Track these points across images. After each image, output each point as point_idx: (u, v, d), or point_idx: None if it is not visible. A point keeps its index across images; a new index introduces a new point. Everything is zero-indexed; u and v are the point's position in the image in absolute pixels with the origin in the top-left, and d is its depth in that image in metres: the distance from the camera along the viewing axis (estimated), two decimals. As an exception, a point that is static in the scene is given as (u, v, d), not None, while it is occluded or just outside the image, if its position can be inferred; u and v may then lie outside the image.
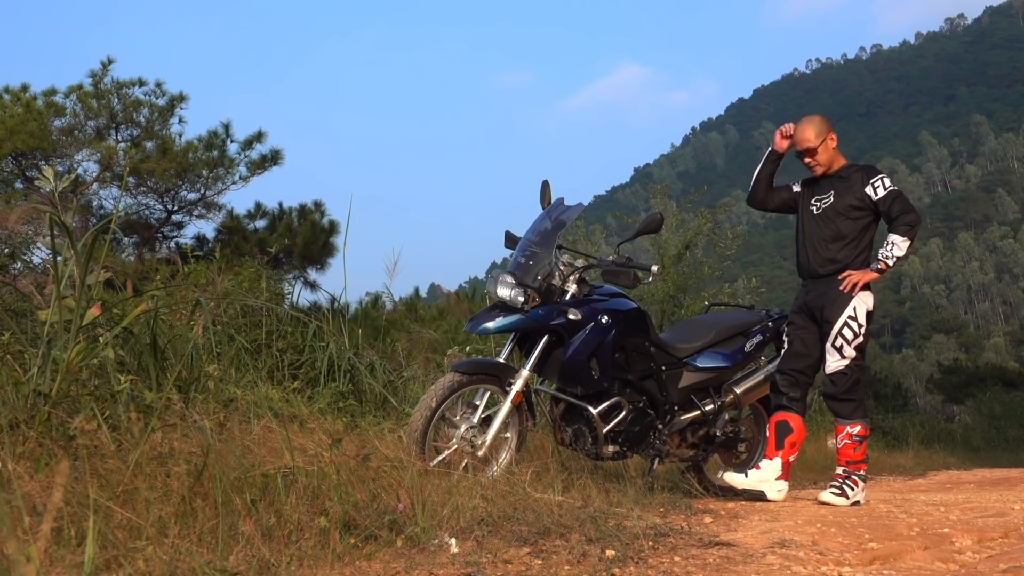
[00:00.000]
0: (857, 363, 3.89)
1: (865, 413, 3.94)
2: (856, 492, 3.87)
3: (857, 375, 3.90)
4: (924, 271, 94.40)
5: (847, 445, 3.90)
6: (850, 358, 3.87)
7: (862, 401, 3.94)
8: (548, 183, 4.12)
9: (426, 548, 2.33)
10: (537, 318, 3.75)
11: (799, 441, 4.00)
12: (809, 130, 4.08)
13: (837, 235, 3.99)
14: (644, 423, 3.98)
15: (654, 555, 2.41)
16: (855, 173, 4.03)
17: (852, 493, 3.85)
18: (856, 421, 3.89)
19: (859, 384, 3.92)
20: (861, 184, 3.97)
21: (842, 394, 3.88)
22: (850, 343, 3.86)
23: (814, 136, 4.05)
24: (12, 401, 2.46)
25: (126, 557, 1.88)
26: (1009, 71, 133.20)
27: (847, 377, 3.87)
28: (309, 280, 11.34)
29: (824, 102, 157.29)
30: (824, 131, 4.06)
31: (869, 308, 3.91)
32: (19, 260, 6.62)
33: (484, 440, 3.59)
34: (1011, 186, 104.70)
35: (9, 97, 10.51)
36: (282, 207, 11.87)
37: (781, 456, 3.94)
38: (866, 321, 3.90)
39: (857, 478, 3.90)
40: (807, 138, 4.07)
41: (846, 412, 3.89)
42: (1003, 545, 2.74)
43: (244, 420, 3.13)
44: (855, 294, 3.87)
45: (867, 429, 3.93)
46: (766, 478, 3.91)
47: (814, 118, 4.14)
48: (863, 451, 3.92)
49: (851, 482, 3.87)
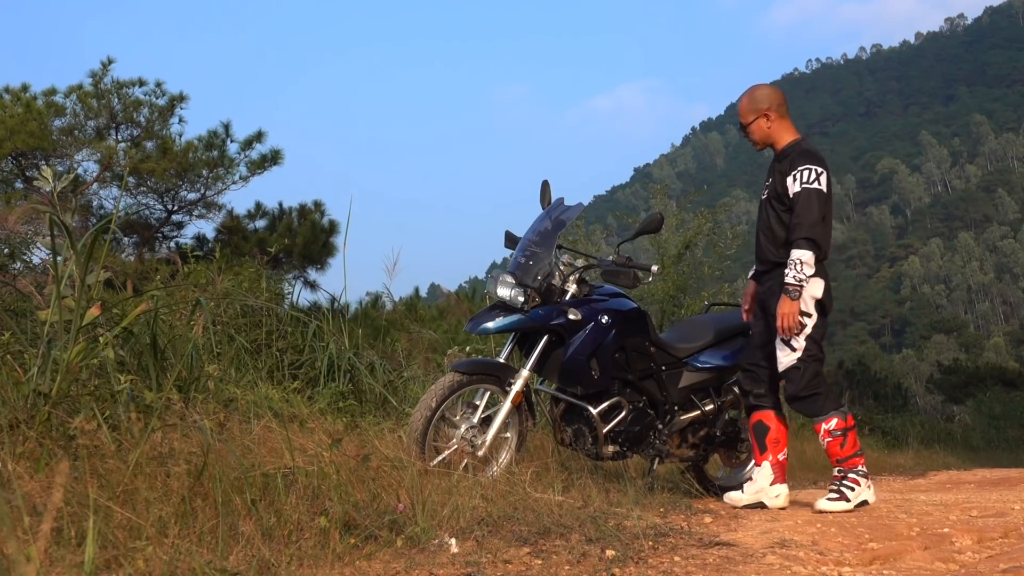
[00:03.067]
0: (811, 355, 3.54)
1: (837, 404, 3.59)
2: (858, 492, 3.54)
3: (814, 367, 3.55)
4: (924, 271, 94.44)
5: (830, 443, 3.56)
6: (801, 349, 3.53)
7: (828, 393, 3.59)
8: (548, 183, 4.12)
9: (426, 548, 2.33)
10: (537, 318, 3.75)
11: (782, 437, 3.73)
12: (744, 103, 3.76)
13: (767, 227, 3.70)
14: (644, 423, 3.98)
15: (654, 555, 2.41)
16: (787, 158, 3.63)
17: (853, 494, 3.53)
18: (830, 415, 3.55)
19: (818, 376, 3.56)
20: (788, 172, 3.58)
21: (802, 391, 3.54)
22: (799, 334, 3.53)
23: (747, 111, 3.74)
24: (12, 401, 2.46)
25: (126, 557, 1.88)
26: (1009, 71, 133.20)
27: (801, 371, 3.54)
28: (309, 280, 11.34)
29: (824, 102, 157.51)
30: (760, 107, 3.69)
31: (818, 296, 3.53)
32: (19, 260, 6.63)
33: (484, 440, 3.59)
34: (1011, 186, 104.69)
35: (9, 97, 10.51)
36: (282, 207, 11.87)
37: (768, 459, 3.69)
38: (816, 310, 3.54)
39: (856, 476, 3.55)
40: (740, 112, 3.77)
41: (815, 409, 3.57)
42: (1003, 545, 2.74)
43: (244, 420, 3.13)
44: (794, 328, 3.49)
45: (846, 420, 3.56)
46: (760, 487, 3.68)
47: (754, 90, 3.78)
48: (851, 445, 3.56)
49: (849, 482, 3.55)
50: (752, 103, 3.74)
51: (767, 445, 3.71)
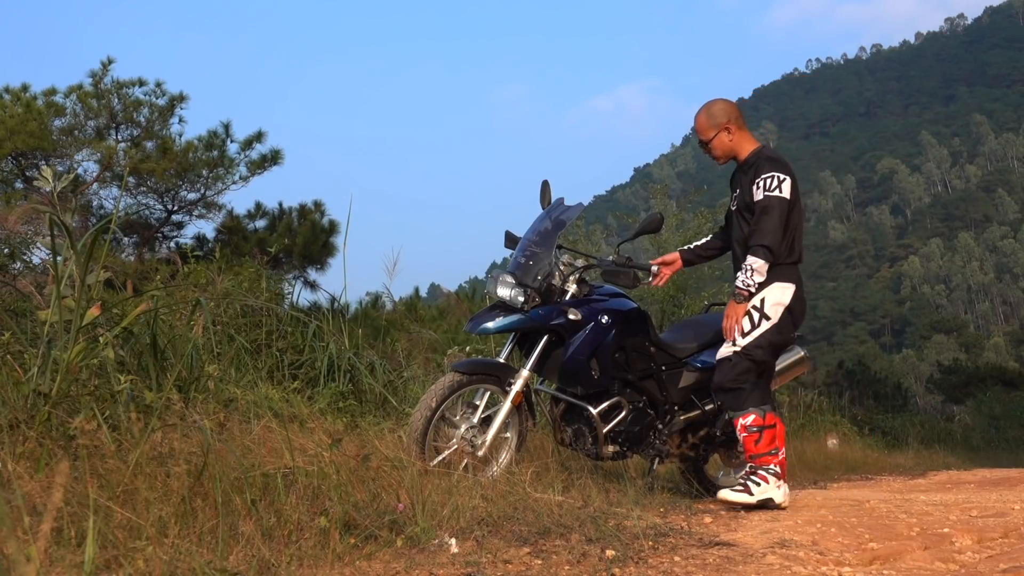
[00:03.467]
0: (748, 354, 3.55)
1: (760, 401, 3.57)
2: (764, 488, 3.51)
3: (745, 365, 3.55)
4: (924, 271, 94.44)
5: (746, 439, 3.55)
6: (740, 347, 3.55)
7: (753, 390, 3.56)
8: (548, 183, 4.12)
9: (426, 548, 2.33)
10: (537, 318, 3.75)
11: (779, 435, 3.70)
12: (702, 119, 3.76)
13: (741, 239, 3.70)
14: (644, 423, 3.98)
15: (654, 555, 2.41)
16: (752, 167, 3.66)
17: (758, 489, 3.51)
18: (748, 411, 3.54)
19: (748, 373, 3.56)
20: (753, 180, 3.61)
21: (728, 383, 3.57)
22: (744, 334, 3.55)
23: (706, 127, 3.74)
24: (12, 401, 2.46)
25: (126, 557, 1.88)
26: (1009, 71, 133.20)
27: (732, 364, 3.56)
28: (309, 280, 11.34)
29: (824, 102, 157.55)
30: (720, 121, 3.71)
31: (780, 301, 3.58)
32: (19, 260, 6.63)
33: (484, 440, 3.59)
34: (1011, 186, 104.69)
35: (9, 97, 10.51)
36: (282, 207, 11.87)
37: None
38: (775, 315, 3.56)
39: (765, 473, 3.53)
40: (699, 129, 3.77)
41: (736, 404, 3.57)
42: (1003, 545, 2.74)
43: (244, 420, 3.13)
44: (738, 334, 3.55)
45: (765, 418, 3.54)
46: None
47: (710, 106, 3.78)
48: (767, 443, 3.54)
49: (757, 478, 3.53)
50: (711, 119, 3.76)
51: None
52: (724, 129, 3.73)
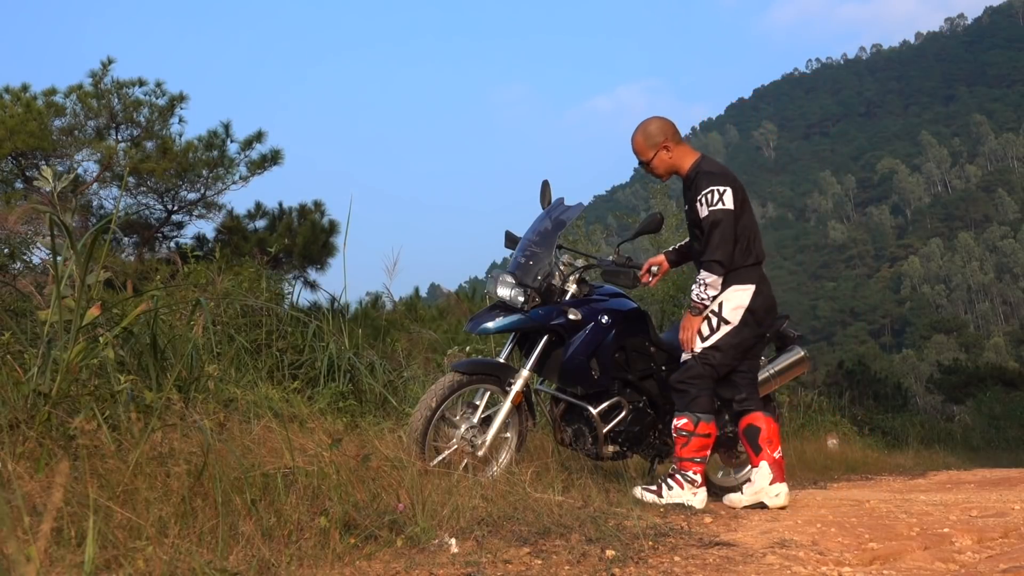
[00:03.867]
0: (705, 359, 3.61)
1: (701, 409, 3.59)
2: (676, 492, 3.54)
3: (698, 370, 3.61)
4: (924, 271, 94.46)
5: (676, 439, 3.62)
6: (698, 351, 3.62)
7: (698, 396, 3.59)
8: (548, 183, 4.12)
9: (426, 548, 2.33)
10: (537, 318, 3.75)
11: (774, 435, 3.74)
12: (639, 140, 3.79)
13: (696, 252, 3.77)
14: (644, 423, 3.98)
15: (654, 555, 2.41)
16: (692, 183, 3.71)
17: (669, 493, 3.54)
18: (683, 414, 3.59)
19: (700, 378, 3.60)
20: (695, 197, 3.68)
21: (677, 383, 3.65)
22: (703, 338, 3.62)
23: (644, 148, 3.78)
24: (12, 401, 2.46)
25: (126, 557, 1.88)
26: (1009, 71, 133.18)
27: (687, 367, 3.64)
28: (309, 280, 11.33)
29: (824, 102, 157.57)
30: (657, 141, 3.75)
31: (738, 304, 3.62)
32: (19, 260, 6.63)
33: (484, 440, 3.59)
34: (1011, 186, 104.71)
35: (9, 97, 10.51)
36: (282, 207, 11.86)
37: (765, 458, 3.70)
38: (736, 318, 3.62)
39: (681, 478, 3.57)
40: (637, 151, 3.81)
41: (679, 404, 3.63)
42: (1003, 545, 2.74)
43: (244, 420, 3.13)
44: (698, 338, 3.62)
45: (697, 426, 3.57)
46: (760, 487, 3.69)
47: (646, 126, 3.81)
48: (693, 450, 3.58)
49: (673, 481, 3.57)
50: (649, 139, 3.78)
51: (761, 446, 3.71)
52: (663, 148, 3.78)
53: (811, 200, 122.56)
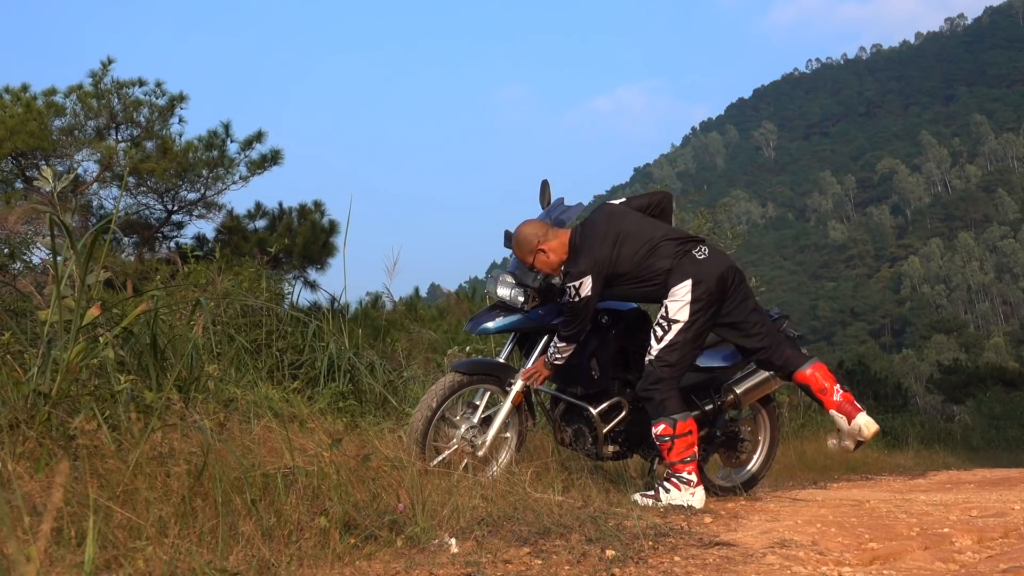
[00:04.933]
0: (662, 361, 3.60)
1: (672, 410, 3.59)
2: (673, 495, 3.56)
3: (658, 373, 3.60)
4: (924, 271, 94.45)
5: (660, 446, 3.62)
6: (653, 355, 3.61)
7: (665, 399, 3.59)
8: (548, 183, 4.12)
9: (426, 548, 2.33)
10: (537, 318, 3.75)
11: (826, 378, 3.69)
12: (516, 250, 3.82)
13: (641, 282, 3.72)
14: (644, 423, 3.98)
15: (654, 555, 2.41)
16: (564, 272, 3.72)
17: (667, 496, 3.56)
18: (659, 420, 3.58)
19: (660, 382, 3.60)
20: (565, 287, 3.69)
21: (642, 391, 3.64)
22: (658, 341, 3.61)
23: (524, 254, 3.79)
24: (12, 401, 2.46)
25: (126, 557, 1.88)
26: (1009, 71, 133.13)
27: (644, 375, 3.64)
28: (309, 280, 11.33)
29: (824, 102, 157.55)
30: (532, 245, 3.75)
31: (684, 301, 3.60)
32: (19, 260, 6.63)
33: (484, 440, 3.60)
34: (1011, 186, 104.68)
35: (9, 97, 10.51)
36: (282, 207, 11.86)
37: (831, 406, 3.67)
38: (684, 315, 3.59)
39: (677, 480, 3.58)
40: (519, 257, 3.83)
41: (651, 411, 3.63)
42: (1003, 545, 2.74)
43: (244, 420, 3.13)
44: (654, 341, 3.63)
45: (673, 428, 3.57)
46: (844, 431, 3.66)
47: (517, 235, 3.81)
48: (679, 451, 3.57)
49: (669, 484, 3.58)
50: (525, 246, 3.77)
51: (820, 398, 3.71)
52: (538, 252, 3.74)
53: (811, 200, 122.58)
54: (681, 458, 3.58)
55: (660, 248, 3.67)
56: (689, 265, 3.65)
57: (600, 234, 3.70)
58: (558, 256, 3.75)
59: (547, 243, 3.75)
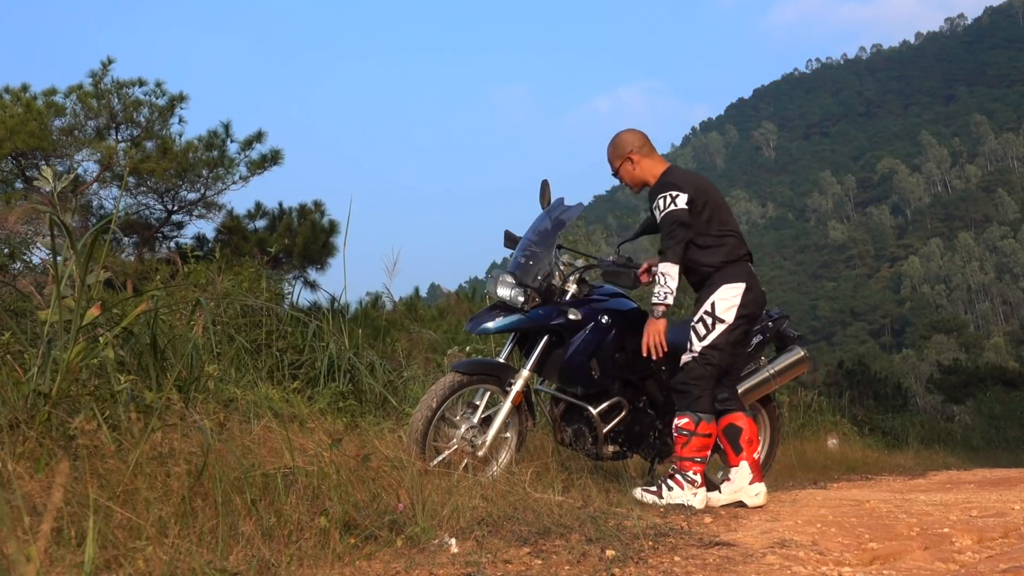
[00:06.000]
0: (705, 359, 3.62)
1: (702, 408, 3.61)
2: (676, 493, 3.55)
3: (700, 371, 3.62)
4: (924, 271, 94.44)
5: (676, 439, 3.62)
6: (697, 352, 3.63)
7: (700, 396, 3.61)
8: (548, 183, 4.12)
9: (426, 548, 2.33)
10: (537, 318, 3.75)
11: (755, 436, 3.76)
12: (609, 151, 3.92)
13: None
14: (644, 423, 3.98)
15: (654, 555, 2.41)
16: (653, 194, 3.78)
17: (669, 493, 3.55)
18: (684, 413, 3.60)
19: (702, 378, 3.62)
20: (652, 207, 3.77)
21: (679, 384, 3.65)
22: (700, 338, 3.63)
23: (611, 158, 3.89)
24: (12, 401, 2.46)
25: (126, 557, 1.88)
26: (1009, 71, 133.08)
27: (688, 368, 3.64)
28: (309, 280, 11.32)
29: (824, 102, 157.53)
30: (624, 153, 3.83)
31: (731, 303, 3.65)
32: (19, 260, 6.63)
33: (484, 440, 3.59)
34: (1011, 186, 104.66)
35: (9, 97, 10.50)
36: (282, 207, 11.85)
37: (745, 459, 3.70)
38: (730, 317, 3.64)
39: (681, 478, 3.57)
40: (608, 159, 3.92)
41: (680, 404, 3.63)
42: (1003, 545, 2.74)
43: (244, 420, 3.13)
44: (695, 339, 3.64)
45: (696, 425, 3.58)
46: (739, 487, 3.69)
47: (616, 137, 3.91)
48: (694, 449, 3.58)
49: (673, 481, 3.57)
50: (616, 150, 3.88)
51: (742, 446, 3.71)
52: (627, 159, 3.85)
53: (811, 200, 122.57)
54: (692, 456, 3.59)
55: (729, 238, 3.75)
56: (745, 272, 3.75)
57: (702, 179, 3.83)
58: (643, 174, 3.84)
59: (640, 157, 3.84)
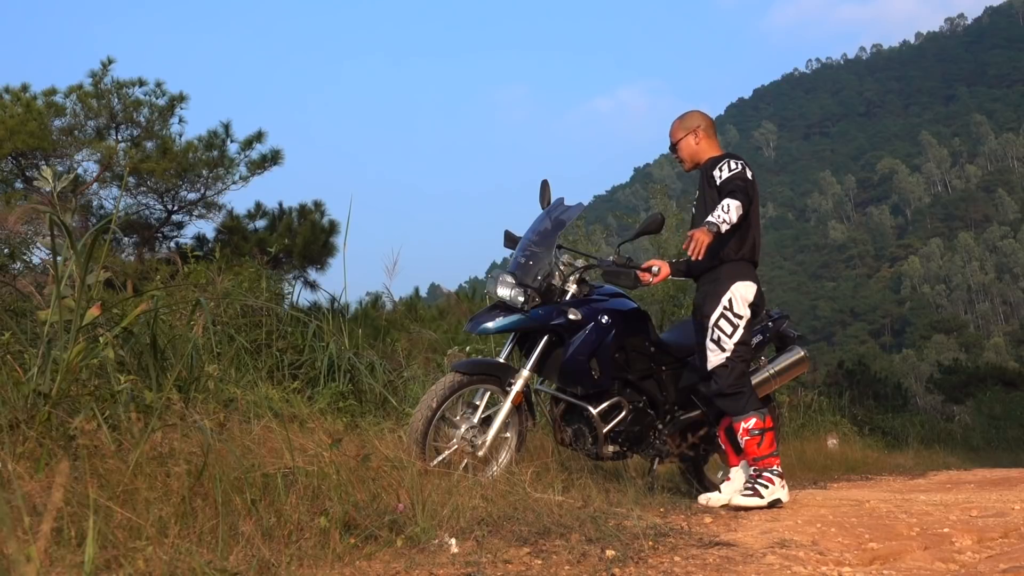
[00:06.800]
0: (739, 355, 3.66)
1: (758, 404, 3.68)
2: (772, 490, 3.61)
3: (741, 367, 3.66)
4: (924, 271, 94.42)
5: (748, 442, 3.63)
6: (730, 351, 3.64)
7: (751, 393, 3.68)
8: (548, 183, 4.12)
9: (426, 548, 2.33)
10: (537, 318, 3.75)
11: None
12: (675, 123, 4.00)
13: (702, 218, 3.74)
14: (644, 423, 3.98)
15: (654, 555, 2.41)
16: (713, 164, 3.78)
17: (767, 492, 3.60)
18: (749, 415, 3.62)
19: (744, 376, 3.69)
20: (712, 170, 3.75)
21: (728, 388, 3.64)
22: (729, 336, 3.65)
23: (677, 129, 3.97)
24: (12, 401, 2.46)
25: (126, 557, 1.88)
26: (1009, 71, 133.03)
27: (729, 369, 3.64)
28: (309, 280, 11.33)
29: (824, 102, 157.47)
30: (691, 126, 3.92)
31: (747, 299, 3.70)
32: (19, 260, 6.63)
33: (484, 440, 3.59)
34: (1011, 186, 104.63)
35: (9, 97, 10.50)
36: (282, 207, 11.86)
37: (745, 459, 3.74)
38: (748, 312, 3.69)
39: (770, 475, 3.63)
40: (671, 132, 4.00)
41: (737, 408, 3.64)
42: (1003, 545, 2.74)
43: (244, 420, 3.13)
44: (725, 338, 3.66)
45: (765, 420, 3.64)
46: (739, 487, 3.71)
47: (689, 114, 4.01)
48: (768, 445, 3.64)
49: (764, 480, 3.62)
50: (684, 122, 3.97)
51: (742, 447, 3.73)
52: (692, 133, 3.93)
53: (811, 200, 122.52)
54: (770, 452, 3.65)
55: (753, 237, 3.78)
56: (753, 272, 3.81)
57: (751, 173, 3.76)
58: (702, 152, 3.90)
59: (705, 136, 3.92)
